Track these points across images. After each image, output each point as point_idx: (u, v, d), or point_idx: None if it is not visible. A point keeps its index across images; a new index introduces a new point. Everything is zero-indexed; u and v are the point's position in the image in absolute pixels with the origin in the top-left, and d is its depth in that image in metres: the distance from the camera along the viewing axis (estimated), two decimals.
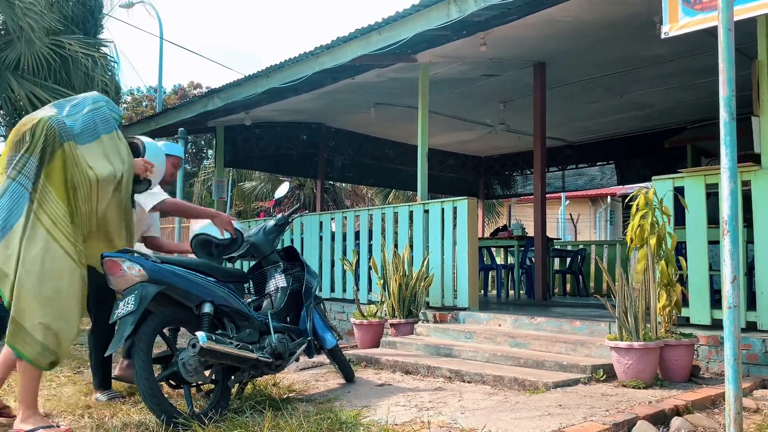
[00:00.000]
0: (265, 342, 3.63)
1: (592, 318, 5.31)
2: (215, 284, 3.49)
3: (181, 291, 3.33)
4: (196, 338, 3.17)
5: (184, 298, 3.37)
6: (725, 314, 2.56)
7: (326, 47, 6.66)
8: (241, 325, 3.59)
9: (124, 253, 3.23)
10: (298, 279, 4.13)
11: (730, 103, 2.57)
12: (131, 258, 3.19)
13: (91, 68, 8.90)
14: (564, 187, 13.32)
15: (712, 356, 4.40)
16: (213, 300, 3.43)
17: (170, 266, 3.34)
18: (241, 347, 3.40)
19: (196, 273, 3.44)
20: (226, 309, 3.50)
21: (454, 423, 3.15)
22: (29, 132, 3.20)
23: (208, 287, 3.43)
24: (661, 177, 4.84)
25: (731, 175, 2.57)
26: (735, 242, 2.57)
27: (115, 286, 3.23)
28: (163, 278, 3.24)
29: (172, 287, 3.29)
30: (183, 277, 3.34)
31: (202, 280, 3.43)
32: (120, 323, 3.13)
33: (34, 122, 3.24)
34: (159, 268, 3.24)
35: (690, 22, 3.96)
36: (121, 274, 3.16)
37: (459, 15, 5.39)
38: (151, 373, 3.13)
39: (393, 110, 9.23)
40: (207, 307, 3.40)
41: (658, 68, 7.55)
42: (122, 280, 3.18)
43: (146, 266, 3.19)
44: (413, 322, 5.94)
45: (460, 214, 6.16)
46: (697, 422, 3.20)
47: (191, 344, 3.17)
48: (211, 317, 3.40)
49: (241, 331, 3.58)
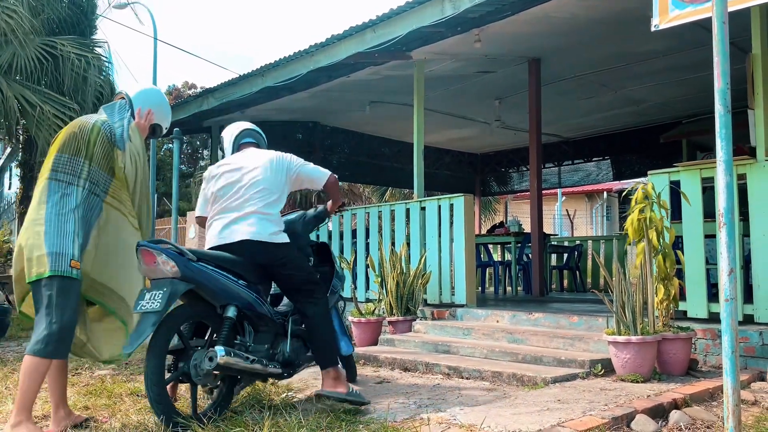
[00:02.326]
0: (279, 348, 3.59)
1: (589, 313, 5.32)
2: (244, 288, 3.42)
3: (209, 291, 3.30)
4: (214, 352, 3.14)
5: (210, 297, 3.33)
6: (722, 307, 2.57)
7: (321, 45, 6.65)
8: (261, 328, 3.53)
9: (159, 245, 3.19)
10: (326, 279, 4.08)
11: (725, 96, 2.57)
12: (167, 252, 3.15)
13: (85, 69, 8.85)
14: (560, 183, 13.34)
15: (709, 349, 4.41)
16: (239, 304, 3.37)
17: (203, 265, 3.28)
18: (256, 361, 3.35)
19: (227, 274, 3.37)
20: (249, 313, 3.45)
21: (453, 419, 3.14)
22: (84, 138, 3.24)
23: (236, 291, 3.37)
24: (657, 171, 4.85)
25: (727, 168, 2.58)
26: (731, 235, 2.57)
27: (144, 273, 3.23)
28: (195, 277, 3.21)
29: (202, 286, 3.26)
30: (214, 277, 3.29)
31: (233, 283, 3.36)
32: (142, 318, 3.07)
33: (87, 127, 3.27)
34: (192, 266, 3.21)
35: (680, 15, 3.97)
36: (154, 266, 3.15)
37: (453, 11, 5.39)
38: (162, 377, 3.09)
39: (388, 108, 9.22)
40: (231, 310, 3.35)
41: (652, 63, 7.56)
42: (153, 272, 3.17)
43: (180, 263, 3.15)
44: (411, 319, 5.94)
45: (456, 211, 6.16)
46: (695, 415, 3.21)
47: (208, 357, 3.14)
48: (232, 322, 3.34)
49: (259, 335, 3.53)
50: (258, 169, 3.66)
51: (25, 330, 7.72)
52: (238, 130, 3.98)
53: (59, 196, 3.14)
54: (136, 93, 3.65)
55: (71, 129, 3.32)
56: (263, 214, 3.57)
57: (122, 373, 4.78)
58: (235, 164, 3.74)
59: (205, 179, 3.86)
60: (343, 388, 3.44)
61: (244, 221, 3.55)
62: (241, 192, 3.62)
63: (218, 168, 3.80)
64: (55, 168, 3.20)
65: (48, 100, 8.29)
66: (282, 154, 3.80)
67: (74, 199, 3.14)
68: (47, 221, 3.08)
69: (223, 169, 3.75)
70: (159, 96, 3.78)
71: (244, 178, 3.65)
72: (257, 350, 3.46)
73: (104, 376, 4.64)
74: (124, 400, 3.85)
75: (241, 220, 3.56)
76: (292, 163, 3.78)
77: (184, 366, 3.21)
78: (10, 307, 7.53)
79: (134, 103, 3.59)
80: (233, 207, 3.61)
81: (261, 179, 3.63)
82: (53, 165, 3.20)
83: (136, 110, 3.57)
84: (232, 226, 3.56)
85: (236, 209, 3.60)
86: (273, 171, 3.68)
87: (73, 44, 8.93)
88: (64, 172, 3.18)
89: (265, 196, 3.61)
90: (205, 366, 3.14)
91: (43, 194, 3.15)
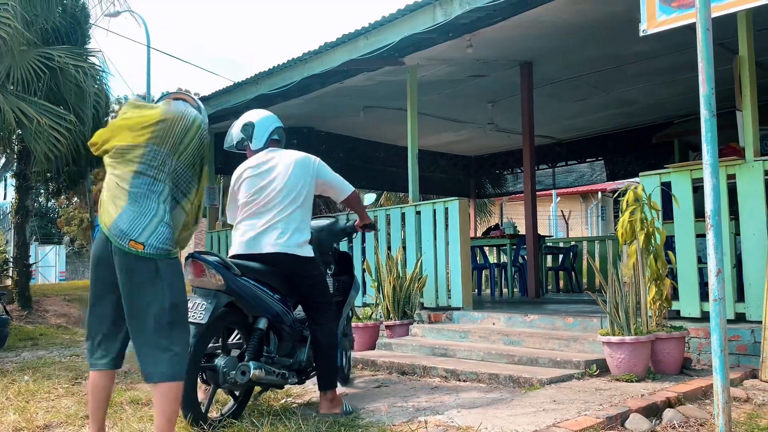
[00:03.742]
0: (296, 357, 3.71)
1: (584, 314, 5.37)
2: (278, 301, 3.54)
3: (247, 304, 3.43)
4: (246, 366, 3.31)
5: (247, 309, 3.47)
6: (711, 306, 2.63)
7: (314, 53, 6.70)
8: (285, 337, 3.65)
9: (209, 256, 3.34)
10: (344, 289, 4.18)
11: (711, 101, 2.64)
12: (215, 265, 3.29)
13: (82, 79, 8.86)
14: (554, 185, 13.40)
15: (702, 348, 4.47)
16: (270, 316, 3.50)
17: (246, 280, 3.41)
18: (280, 375, 3.52)
19: (265, 288, 3.50)
20: (277, 324, 3.57)
21: (451, 422, 3.19)
22: (182, 130, 2.79)
23: (270, 304, 3.50)
24: (648, 173, 4.91)
25: (713, 171, 2.64)
26: (719, 236, 2.63)
27: (190, 282, 3.31)
28: (237, 290, 3.35)
29: (242, 300, 3.40)
30: (254, 292, 3.43)
31: (269, 297, 3.50)
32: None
33: (187, 120, 2.82)
34: (236, 280, 3.35)
35: (667, 20, 4.04)
36: (201, 277, 3.31)
37: (444, 18, 5.45)
38: (196, 388, 3.22)
39: (382, 113, 9.28)
40: (262, 322, 3.48)
41: (642, 65, 7.63)
42: (200, 282, 3.33)
43: (226, 277, 3.30)
44: (408, 323, 5.99)
45: (451, 215, 6.22)
46: (688, 413, 3.27)
47: (241, 371, 3.30)
48: (262, 333, 3.49)
49: (282, 344, 3.66)
50: (286, 173, 3.64)
51: (22, 340, 7.75)
52: (274, 125, 3.87)
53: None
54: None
55: (155, 112, 2.82)
56: (289, 222, 3.59)
57: (122, 381, 4.81)
58: (264, 166, 3.70)
59: (234, 179, 3.81)
60: (339, 410, 3.52)
61: (272, 231, 3.57)
62: (269, 198, 3.62)
63: (246, 170, 3.74)
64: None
65: (45, 113, 8.29)
66: (308, 156, 3.78)
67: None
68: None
69: (251, 172, 3.71)
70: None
71: (272, 183, 3.63)
72: (281, 362, 3.62)
73: None
74: (125, 408, 3.88)
75: (268, 230, 3.58)
76: (319, 166, 3.75)
77: (213, 372, 3.32)
78: (9, 318, 7.55)
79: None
80: (260, 213, 3.62)
81: (288, 184, 3.62)
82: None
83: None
84: (258, 235, 3.59)
85: (263, 215, 3.61)
86: (300, 175, 3.66)
87: (69, 54, 8.94)
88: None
89: (292, 203, 3.61)
90: (237, 379, 3.29)
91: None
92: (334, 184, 3.83)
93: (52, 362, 6.07)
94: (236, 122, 3.91)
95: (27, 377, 5.10)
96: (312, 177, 3.71)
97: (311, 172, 3.71)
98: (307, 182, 3.68)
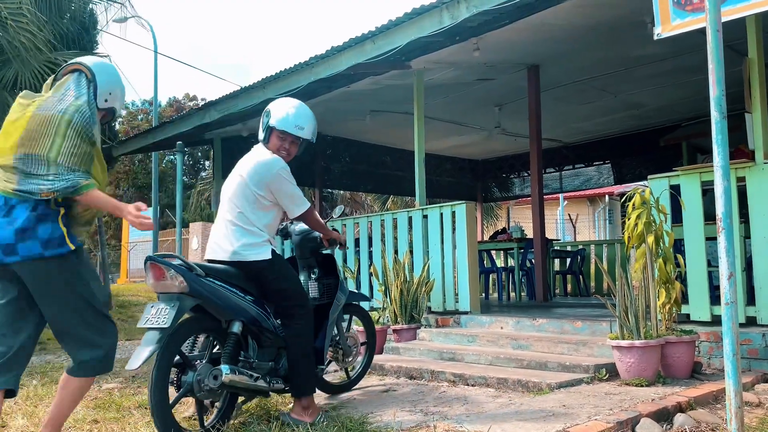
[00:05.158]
0: (281, 363, 3.56)
1: (593, 318, 5.34)
2: (251, 303, 3.39)
3: (216, 307, 3.27)
4: (219, 370, 3.15)
5: (216, 312, 3.31)
6: (723, 310, 2.60)
7: (321, 57, 6.71)
8: (265, 343, 3.50)
9: (169, 259, 3.17)
10: (330, 292, 4.04)
11: (721, 103, 2.62)
12: (176, 267, 3.13)
13: None
14: (561, 188, 13.37)
15: (713, 352, 4.43)
16: (244, 319, 3.34)
17: (211, 280, 3.25)
18: (260, 379, 3.35)
19: (234, 289, 3.35)
20: (254, 328, 3.41)
21: (460, 426, 3.17)
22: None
23: (242, 306, 3.34)
24: (657, 176, 4.88)
25: (724, 174, 2.62)
26: (730, 239, 2.61)
27: (151, 287, 3.20)
28: (203, 293, 3.19)
29: (209, 302, 3.24)
30: (221, 293, 3.27)
31: (239, 298, 3.34)
32: (149, 334, 3.04)
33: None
34: (201, 282, 3.19)
35: (681, 24, 4.02)
36: (162, 281, 3.14)
37: (451, 22, 5.44)
38: (166, 397, 3.04)
39: (389, 117, 9.28)
40: (236, 326, 3.32)
41: (650, 67, 7.61)
42: (162, 286, 3.15)
43: (189, 279, 3.13)
44: (416, 327, 5.97)
45: (458, 219, 6.20)
46: (699, 418, 3.23)
47: (213, 375, 3.14)
48: (237, 338, 3.32)
49: (263, 350, 3.50)
50: (245, 173, 3.51)
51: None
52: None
53: None
54: (97, 64, 3.05)
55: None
56: (243, 226, 3.44)
57: (130, 386, 4.81)
58: (237, 166, 3.62)
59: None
60: (310, 418, 3.37)
61: (229, 236, 3.45)
62: (229, 200, 3.53)
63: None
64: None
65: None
66: (274, 160, 3.53)
67: None
68: None
69: (232, 173, 3.64)
70: (116, 72, 3.16)
71: (233, 185, 3.55)
72: (261, 367, 3.45)
73: (112, 390, 4.67)
74: (133, 413, 3.88)
75: (225, 235, 3.47)
76: (278, 173, 3.49)
77: (187, 381, 3.16)
78: None
79: (97, 74, 2.99)
80: (221, 217, 3.55)
81: (245, 185, 3.48)
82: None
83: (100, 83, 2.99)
84: (218, 239, 3.50)
85: (222, 221, 3.53)
86: (258, 175, 3.48)
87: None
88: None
89: (248, 204, 3.47)
90: (209, 384, 3.13)
91: None
92: (285, 198, 3.54)
93: (60, 367, 6.08)
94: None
95: (35, 381, 5.11)
96: (266, 180, 3.48)
97: (268, 175, 3.48)
98: (262, 185, 3.47)
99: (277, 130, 3.61)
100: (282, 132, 3.61)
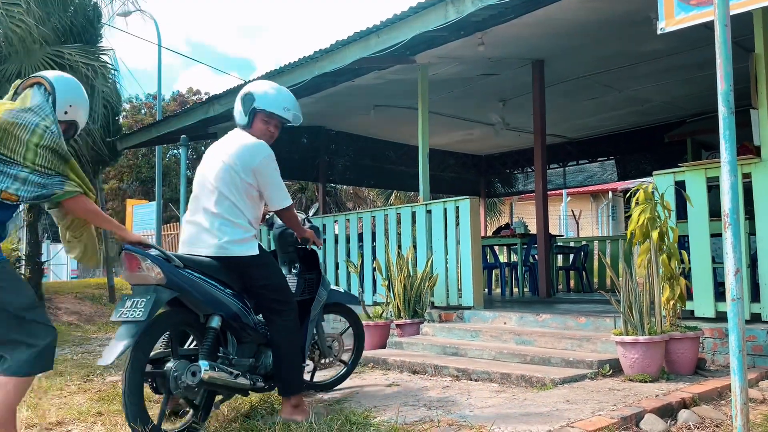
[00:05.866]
0: (261, 360, 3.43)
1: (596, 314, 5.33)
2: (230, 296, 3.27)
3: (194, 300, 3.14)
4: (197, 366, 3.03)
5: (195, 306, 3.18)
6: (729, 306, 2.59)
7: (325, 51, 6.69)
8: (245, 339, 3.37)
9: (145, 249, 3.02)
10: (311, 288, 3.93)
11: (729, 98, 2.60)
12: (152, 258, 2.99)
13: (92, 78, 8.90)
14: (565, 184, 13.35)
15: (717, 348, 4.43)
16: (223, 313, 3.22)
17: (189, 272, 3.12)
18: (240, 376, 3.22)
19: (214, 282, 3.21)
20: (234, 324, 3.30)
21: (463, 421, 3.17)
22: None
23: (222, 300, 3.21)
24: (662, 171, 4.87)
25: (731, 169, 2.60)
26: (737, 235, 2.60)
27: (126, 278, 3.10)
28: (180, 284, 3.05)
29: (187, 295, 3.10)
30: (200, 285, 3.13)
31: (219, 292, 3.21)
32: (123, 327, 2.91)
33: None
34: (178, 273, 3.06)
35: (686, 18, 3.99)
36: (138, 272, 3.00)
37: (456, 16, 5.41)
38: (141, 392, 2.93)
39: (393, 111, 9.26)
40: (215, 321, 3.19)
41: (655, 63, 7.58)
42: (137, 278, 3.02)
43: (166, 269, 3.00)
44: (419, 322, 5.97)
45: (462, 214, 6.19)
46: (704, 414, 3.23)
47: (191, 371, 3.01)
48: (216, 333, 3.19)
49: (243, 346, 3.38)
50: (229, 159, 3.31)
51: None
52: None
53: None
54: (58, 77, 3.00)
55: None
56: (231, 219, 3.28)
57: None
58: (214, 151, 3.42)
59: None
60: (301, 417, 3.27)
61: (212, 230, 3.27)
62: (214, 188, 3.30)
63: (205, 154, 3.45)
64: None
65: None
66: (260, 144, 3.37)
67: None
68: None
69: (205, 157, 3.44)
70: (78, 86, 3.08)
71: (215, 171, 3.32)
72: (241, 364, 3.33)
73: (116, 383, 4.68)
74: None
75: (208, 228, 3.28)
76: (266, 159, 3.34)
77: (163, 378, 3.03)
78: None
79: (57, 87, 2.93)
80: (201, 208, 3.34)
81: (233, 173, 3.28)
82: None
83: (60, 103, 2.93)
84: (198, 233, 3.32)
85: (203, 211, 3.32)
86: (246, 160, 3.29)
87: (80, 53, 8.99)
88: None
89: (238, 193, 3.29)
90: (187, 380, 2.99)
91: None
92: (270, 187, 3.37)
93: (64, 359, 6.10)
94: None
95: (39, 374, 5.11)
96: (252, 166, 3.30)
97: (255, 161, 3.30)
98: (249, 172, 3.29)
99: (265, 112, 3.45)
100: (269, 114, 3.46)
